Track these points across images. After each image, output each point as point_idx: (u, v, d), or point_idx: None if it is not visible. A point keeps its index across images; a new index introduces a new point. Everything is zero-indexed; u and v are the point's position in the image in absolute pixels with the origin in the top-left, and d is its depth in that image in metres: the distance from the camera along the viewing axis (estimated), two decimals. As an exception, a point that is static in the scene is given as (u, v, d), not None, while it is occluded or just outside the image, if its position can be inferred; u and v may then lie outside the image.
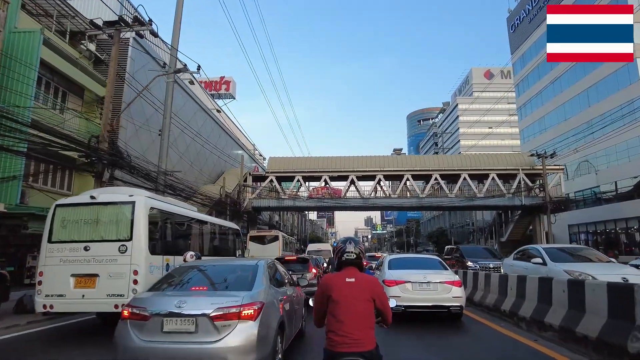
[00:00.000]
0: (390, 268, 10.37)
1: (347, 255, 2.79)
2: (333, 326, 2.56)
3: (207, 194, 22.78)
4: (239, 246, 14.77)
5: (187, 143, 25.15)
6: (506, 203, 31.52)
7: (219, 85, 36.45)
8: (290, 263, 12.60)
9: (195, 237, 10.84)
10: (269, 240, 24.03)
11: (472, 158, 32.80)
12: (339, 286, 2.64)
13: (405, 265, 10.62)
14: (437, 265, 10.66)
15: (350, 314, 2.55)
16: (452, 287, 8.93)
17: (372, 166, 32.24)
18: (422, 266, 10.46)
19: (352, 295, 2.60)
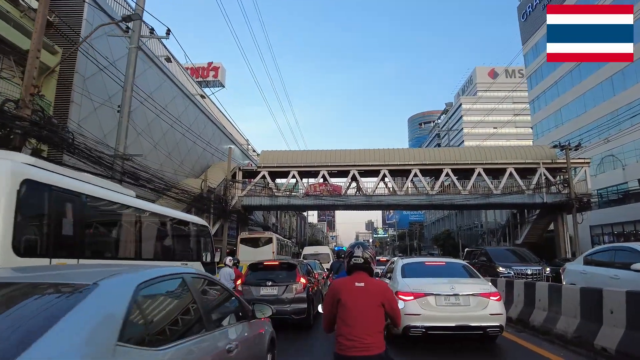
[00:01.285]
0: (404, 276, 8.25)
1: (355, 260, 2.80)
2: (343, 330, 2.60)
3: (184, 188, 19.49)
4: (206, 248, 11.45)
5: (163, 130, 21.91)
6: (525, 201, 28.18)
7: (207, 72, 33.24)
8: (270, 270, 9.32)
9: (125, 233, 7.53)
10: (261, 243, 22.27)
11: (487, 151, 29.48)
12: (348, 290, 2.67)
13: (423, 272, 8.51)
14: (463, 271, 8.63)
15: (360, 318, 2.57)
16: (488, 301, 6.94)
17: (375, 160, 28.94)
18: (445, 273, 8.51)
19: (362, 300, 2.62)
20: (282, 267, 9.31)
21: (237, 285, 9.03)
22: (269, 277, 8.93)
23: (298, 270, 9.05)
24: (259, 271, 9.28)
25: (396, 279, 8.02)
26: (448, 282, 7.43)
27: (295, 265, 9.17)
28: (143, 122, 19.88)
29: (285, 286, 8.71)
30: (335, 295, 2.69)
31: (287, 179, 28.89)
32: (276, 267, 9.35)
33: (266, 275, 9.11)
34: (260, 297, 8.63)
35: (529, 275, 12.79)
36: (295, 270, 9.05)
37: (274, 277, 8.97)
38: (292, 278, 8.88)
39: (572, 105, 38.30)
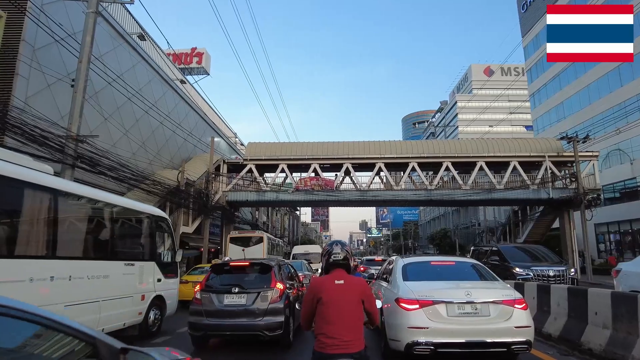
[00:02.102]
0: (407, 279, 6.88)
1: (335, 257, 2.78)
2: (323, 328, 2.58)
3: (156, 179, 17.35)
4: (166, 246, 9.38)
5: (136, 116, 19.74)
6: (530, 196, 26.36)
7: (190, 58, 30.98)
8: (239, 273, 7.32)
9: (32, 221, 5.44)
10: (251, 242, 21.74)
11: (490, 143, 27.63)
12: (328, 288, 2.65)
13: (429, 274, 7.16)
14: (477, 273, 7.22)
15: (340, 316, 2.57)
16: (512, 310, 5.68)
17: (370, 153, 26.96)
18: (455, 275, 7.18)
19: (342, 297, 2.62)
20: (254, 269, 7.28)
21: (196, 291, 6.99)
22: (237, 282, 6.91)
23: (274, 273, 7.03)
24: (224, 274, 7.24)
25: (396, 283, 6.72)
26: (461, 286, 6.20)
27: (271, 266, 7.14)
28: (112, 106, 17.73)
29: (256, 294, 6.70)
30: (316, 295, 2.69)
31: (276, 173, 26.81)
32: (246, 268, 7.32)
33: (233, 279, 7.08)
34: (224, 307, 6.61)
35: (550, 277, 10.88)
36: (270, 273, 7.03)
37: (243, 281, 6.95)
38: (266, 283, 6.87)
39: (575, 98, 36.66)
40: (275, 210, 58.85)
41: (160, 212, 9.14)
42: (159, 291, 8.54)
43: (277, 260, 7.89)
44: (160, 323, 8.56)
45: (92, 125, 16.09)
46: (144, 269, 7.97)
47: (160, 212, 9.17)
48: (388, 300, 7.04)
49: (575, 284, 10.94)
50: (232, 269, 7.18)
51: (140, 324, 7.85)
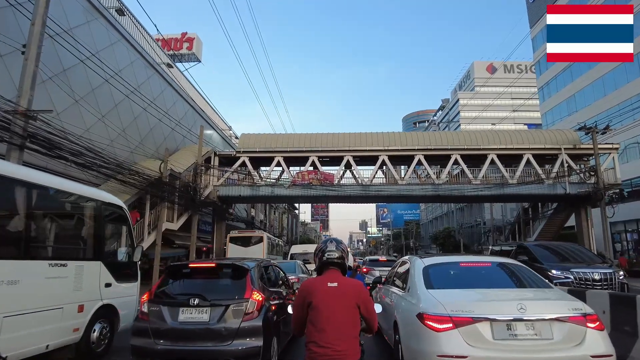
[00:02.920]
0: (431, 286, 5.11)
1: (329, 255, 2.57)
2: (314, 336, 2.35)
3: (134, 168, 15.43)
4: (121, 242, 7.47)
5: (115, 100, 17.82)
6: (545, 191, 24.42)
7: (179, 43, 29.01)
8: (202, 277, 5.37)
9: None
10: (251, 242, 21.56)
11: (502, 134, 25.70)
12: (320, 291, 2.43)
13: (460, 280, 5.43)
14: (520, 277, 5.47)
15: (332, 322, 2.34)
16: (584, 331, 4.07)
17: (373, 145, 25.04)
18: (494, 280, 5.43)
19: (335, 302, 2.39)
20: (224, 273, 5.36)
21: (142, 302, 5.07)
22: (198, 291, 4.98)
23: (251, 278, 5.10)
24: (181, 279, 5.32)
25: (417, 292, 5.13)
26: (509, 296, 4.76)
27: (246, 269, 5.21)
28: (84, 87, 15.82)
29: (224, 307, 4.78)
30: (306, 298, 2.45)
31: (271, 166, 24.87)
32: (213, 272, 5.39)
33: (193, 286, 5.16)
34: (179, 326, 4.68)
35: (596, 281, 8.96)
36: (245, 278, 5.10)
37: (207, 290, 5.02)
38: (238, 292, 4.95)
39: (589, 89, 34.74)
40: (273, 208, 56.94)
41: (111, 198, 7.19)
42: (109, 299, 6.62)
43: (258, 261, 5.96)
44: (110, 341, 6.66)
45: (60, 106, 14.19)
46: (82, 271, 6.05)
47: (112, 198, 7.22)
48: (406, 316, 5.19)
49: (626, 289, 9.02)
50: (192, 272, 5.25)
51: (78, 343, 5.94)
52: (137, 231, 16.48)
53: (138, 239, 16.54)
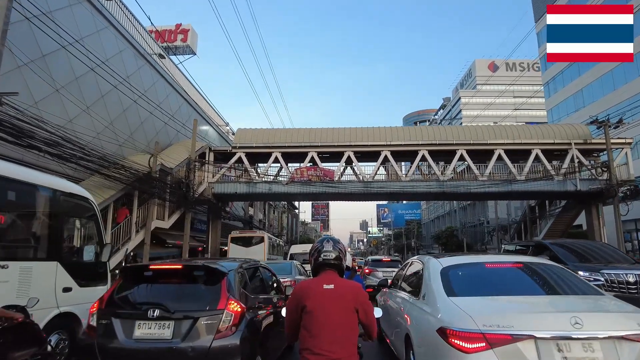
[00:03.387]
0: (453, 292, 4.12)
1: (325, 256, 2.40)
2: (308, 343, 2.18)
3: (121, 162, 14.40)
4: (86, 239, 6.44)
5: (101, 91, 16.79)
6: (555, 188, 23.36)
7: (174, 35, 27.94)
8: (164, 283, 4.28)
9: None
10: (252, 242, 21.45)
11: (509, 129, 24.64)
12: (314, 294, 2.26)
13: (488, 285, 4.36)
14: (561, 282, 4.36)
15: (328, 327, 2.17)
16: None
17: (375, 140, 24.01)
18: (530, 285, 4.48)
19: (331, 306, 2.22)
20: (194, 278, 4.30)
21: (91, 312, 4.04)
22: (159, 300, 3.93)
23: (227, 284, 4.06)
24: (140, 284, 4.28)
25: (436, 300, 4.14)
26: (559, 306, 3.73)
27: (222, 273, 4.18)
28: (67, 75, 14.80)
29: (192, 321, 3.75)
30: (300, 302, 2.28)
31: (269, 162, 23.84)
32: (180, 275, 4.33)
33: (154, 294, 4.11)
34: (135, 345, 3.62)
35: (631, 284, 7.91)
36: (220, 284, 4.06)
37: (171, 299, 3.97)
38: (210, 302, 3.91)
39: (597, 84, 33.68)
40: (272, 207, 55.92)
41: (73, 188, 6.14)
42: (68, 306, 5.59)
43: (240, 262, 4.93)
44: (70, 354, 5.63)
45: (38, 95, 13.16)
46: (30, 274, 5.02)
47: (74, 188, 6.18)
48: (422, 330, 4.21)
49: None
50: (155, 276, 4.21)
51: None
52: (124, 229, 15.47)
53: (125, 238, 15.53)
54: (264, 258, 20.20)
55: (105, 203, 13.62)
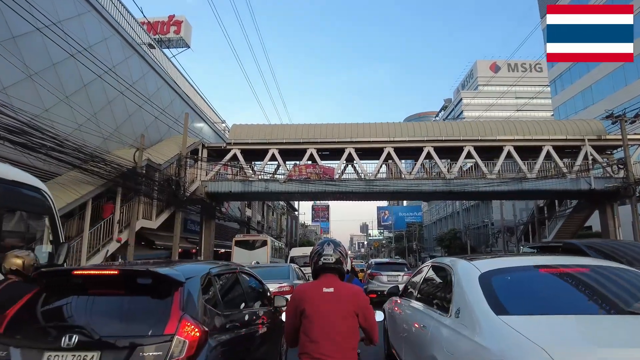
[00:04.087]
0: (503, 309, 2.78)
1: (325, 259, 2.33)
2: (307, 347, 2.14)
3: (100, 155, 13.14)
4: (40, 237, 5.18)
5: (83, 80, 15.57)
6: (567, 187, 22.10)
7: (166, 27, 26.65)
8: (95, 296, 2.90)
9: None
10: (256, 245, 21.98)
11: (519, 125, 23.40)
12: (314, 298, 2.22)
13: (552, 298, 3.08)
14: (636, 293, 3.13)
15: (327, 332, 2.13)
16: None
17: (377, 136, 22.78)
18: (607, 300, 3.12)
19: (331, 309, 2.18)
20: (135, 288, 2.97)
21: None
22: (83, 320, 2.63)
23: (180, 299, 2.74)
24: (63, 297, 2.97)
25: (479, 320, 2.83)
26: None
27: (175, 283, 2.86)
28: (42, 60, 13.58)
29: (126, 351, 2.42)
30: (299, 305, 2.23)
31: (265, 159, 22.60)
32: (115, 285, 3.01)
33: (79, 311, 2.80)
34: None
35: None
36: (171, 298, 2.75)
37: (101, 318, 2.65)
38: (155, 323, 2.56)
39: (607, 80, 32.49)
40: (271, 208, 54.64)
41: (19, 175, 4.84)
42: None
43: (209, 267, 3.67)
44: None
45: (7, 80, 11.94)
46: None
47: (21, 175, 4.88)
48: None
49: None
50: (82, 286, 2.93)
51: None
52: (105, 228, 14.20)
53: (107, 238, 14.25)
54: (267, 261, 20.44)
55: (82, 200, 12.36)
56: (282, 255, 26.40)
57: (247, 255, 20.70)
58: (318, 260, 2.35)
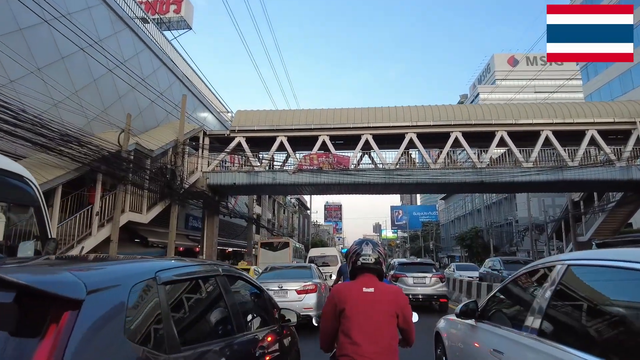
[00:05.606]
0: None
1: (364, 259, 2.24)
2: (347, 349, 2.06)
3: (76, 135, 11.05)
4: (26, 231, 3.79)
5: (61, 52, 13.55)
6: (617, 177, 19.35)
7: (166, 6, 24.47)
8: None
9: None
10: (279, 247, 23.13)
11: (558, 108, 20.69)
12: (354, 298, 2.14)
13: None
14: None
15: (369, 333, 2.06)
16: None
17: (398, 120, 20.36)
18: None
19: (372, 310, 2.11)
20: None
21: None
22: None
23: (59, 338, 1.18)
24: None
25: None
26: None
27: (64, 299, 1.22)
28: (6, 24, 11.57)
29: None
30: (339, 305, 2.15)
31: (273, 148, 20.38)
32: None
33: None
34: None
35: None
36: (42, 333, 1.15)
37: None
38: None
39: (649, 61, 29.41)
40: (281, 206, 52.53)
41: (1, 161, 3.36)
42: None
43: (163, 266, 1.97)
44: None
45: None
46: None
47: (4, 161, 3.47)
48: None
49: None
50: None
51: None
52: (82, 222, 12.11)
53: (85, 232, 12.17)
54: (290, 260, 21.26)
55: (48, 186, 10.27)
56: (301, 256, 27.54)
57: (271, 256, 21.88)
58: (357, 260, 2.27)
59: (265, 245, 23.58)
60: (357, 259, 2.27)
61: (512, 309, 3.10)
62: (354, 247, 2.35)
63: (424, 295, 11.67)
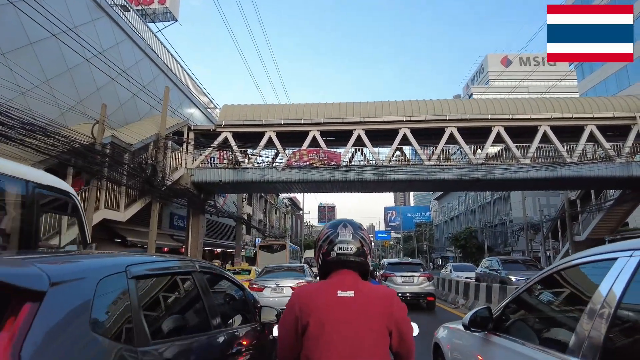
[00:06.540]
0: None
1: (341, 249, 1.47)
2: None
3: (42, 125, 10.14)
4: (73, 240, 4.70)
5: (29, 37, 12.61)
6: (617, 173, 18.75)
7: (151, -3, 23.68)
8: None
9: None
10: (276, 249, 24.64)
11: (556, 103, 20.09)
12: (324, 307, 1.37)
13: None
14: None
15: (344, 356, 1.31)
16: None
17: (391, 115, 19.63)
18: None
19: (350, 325, 1.34)
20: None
21: None
22: None
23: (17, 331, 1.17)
24: None
25: None
26: None
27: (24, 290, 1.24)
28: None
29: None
30: (301, 316, 1.37)
31: (261, 144, 19.53)
32: None
33: None
34: None
35: None
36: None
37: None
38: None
39: (645, 58, 29.01)
40: (273, 206, 51.64)
41: (50, 179, 4.14)
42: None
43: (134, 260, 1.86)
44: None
45: None
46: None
47: (52, 179, 4.18)
48: None
49: None
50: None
51: None
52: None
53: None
54: (286, 261, 22.18)
55: (7, 179, 9.35)
56: (297, 257, 28.61)
57: (269, 257, 23.23)
58: (330, 249, 1.47)
59: (264, 248, 25.38)
60: (331, 247, 1.49)
61: (543, 321, 2.31)
62: (325, 231, 1.56)
63: (412, 294, 11.80)
